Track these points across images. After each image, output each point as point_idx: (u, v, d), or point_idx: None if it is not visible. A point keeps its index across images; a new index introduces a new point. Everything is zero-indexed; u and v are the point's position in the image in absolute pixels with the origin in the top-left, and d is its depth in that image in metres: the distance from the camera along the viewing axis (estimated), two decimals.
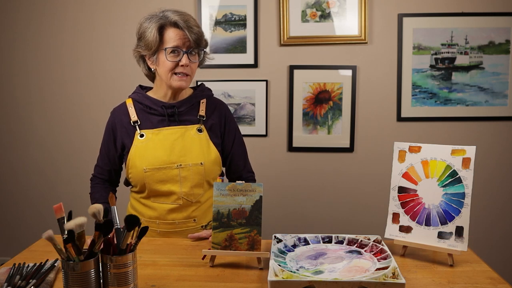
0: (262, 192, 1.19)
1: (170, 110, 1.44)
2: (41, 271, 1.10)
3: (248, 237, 1.18)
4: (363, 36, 2.44)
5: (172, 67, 1.37)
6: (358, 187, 2.57)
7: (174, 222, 1.45)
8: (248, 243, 1.18)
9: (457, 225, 1.16)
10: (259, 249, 1.17)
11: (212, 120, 1.49)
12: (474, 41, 2.43)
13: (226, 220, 1.18)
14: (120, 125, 1.47)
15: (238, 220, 1.19)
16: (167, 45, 1.36)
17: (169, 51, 1.36)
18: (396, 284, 0.96)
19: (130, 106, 1.47)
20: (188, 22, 1.36)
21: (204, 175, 1.44)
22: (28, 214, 2.75)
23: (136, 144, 1.43)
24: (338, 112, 2.52)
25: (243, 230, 1.18)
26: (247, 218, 1.18)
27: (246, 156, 1.60)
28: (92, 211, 0.95)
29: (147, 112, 1.46)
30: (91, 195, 1.54)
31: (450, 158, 1.19)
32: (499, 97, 2.46)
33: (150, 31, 1.36)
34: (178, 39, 1.35)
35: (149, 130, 1.44)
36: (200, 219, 1.47)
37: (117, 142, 1.48)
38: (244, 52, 2.52)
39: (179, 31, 1.35)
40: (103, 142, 1.52)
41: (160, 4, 2.51)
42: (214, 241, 1.18)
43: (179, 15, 1.36)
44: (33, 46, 2.63)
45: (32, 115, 2.69)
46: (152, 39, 1.36)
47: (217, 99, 1.57)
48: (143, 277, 1.10)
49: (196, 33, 1.36)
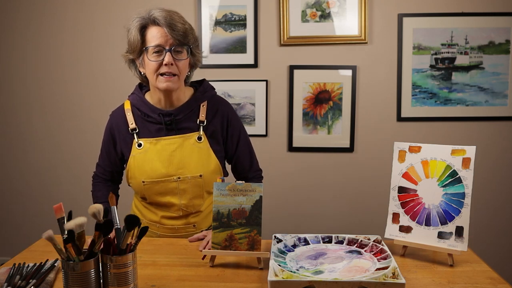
0: (262, 192, 1.19)
1: (167, 119, 1.37)
2: (41, 271, 1.10)
3: (248, 237, 1.18)
4: (363, 36, 2.44)
5: (156, 67, 1.29)
6: (358, 187, 2.57)
7: (173, 227, 1.45)
8: (248, 243, 1.17)
9: (457, 225, 1.16)
10: (259, 249, 1.17)
11: (213, 126, 1.42)
12: (474, 41, 2.43)
13: (226, 220, 1.18)
14: (118, 132, 1.43)
15: (238, 220, 1.18)
16: (149, 44, 1.29)
17: (151, 50, 1.29)
18: (396, 284, 0.96)
19: (128, 112, 1.42)
20: (169, 17, 1.28)
21: (203, 187, 1.41)
22: (28, 214, 2.76)
23: (134, 155, 1.40)
24: (338, 112, 2.52)
25: (243, 230, 1.18)
26: (247, 218, 1.18)
27: (253, 154, 1.54)
28: (92, 211, 0.95)
29: (144, 120, 1.40)
30: (92, 193, 1.52)
31: (450, 158, 1.19)
32: (499, 97, 2.46)
33: (131, 31, 1.32)
34: (159, 37, 1.28)
35: (147, 139, 1.39)
36: (199, 225, 1.47)
37: (117, 147, 1.45)
38: (244, 52, 2.52)
39: (160, 28, 1.28)
40: (103, 143, 1.48)
41: (160, 4, 2.51)
42: (214, 241, 1.18)
43: (161, 12, 1.28)
44: (33, 46, 2.63)
45: (32, 115, 2.69)
46: (133, 40, 1.31)
47: (219, 98, 1.48)
48: (143, 277, 1.10)
49: (180, 29, 1.28)
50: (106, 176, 1.52)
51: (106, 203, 1.22)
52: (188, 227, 1.45)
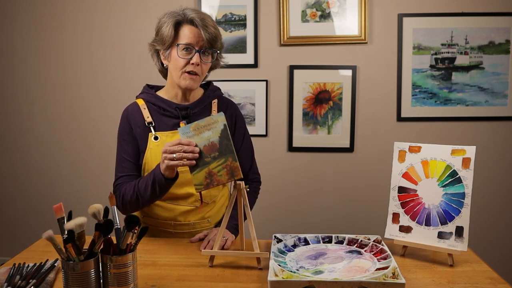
0: (225, 121, 1.20)
1: (184, 112, 1.42)
2: (41, 271, 1.10)
3: (226, 167, 1.18)
4: (363, 36, 2.44)
5: (183, 64, 1.35)
6: (358, 187, 2.57)
7: (189, 223, 1.45)
8: (228, 172, 1.18)
9: (457, 225, 1.16)
10: (239, 175, 1.17)
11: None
12: (474, 41, 2.43)
13: (200, 158, 1.19)
14: (134, 123, 1.42)
15: (212, 155, 1.19)
16: (181, 41, 1.35)
17: (182, 47, 1.34)
18: (396, 284, 0.96)
19: (143, 107, 1.44)
20: (204, 21, 1.34)
21: None
22: (28, 214, 2.76)
23: (151, 147, 1.40)
24: (338, 112, 2.52)
25: (219, 162, 1.19)
26: (219, 150, 1.19)
27: (253, 158, 1.58)
28: (92, 211, 0.95)
29: (161, 114, 1.43)
30: (120, 195, 1.38)
31: (450, 158, 1.19)
32: (499, 97, 2.46)
33: (166, 25, 1.36)
34: (192, 36, 1.34)
35: (164, 132, 1.41)
36: (213, 219, 1.49)
37: (135, 135, 1.41)
38: (244, 52, 2.52)
39: (194, 28, 1.34)
40: (120, 149, 1.42)
41: (160, 5, 2.52)
42: (195, 182, 1.18)
43: (196, 14, 1.35)
44: (34, 46, 2.63)
45: (32, 116, 2.69)
46: (167, 34, 1.35)
47: (227, 99, 1.56)
48: (143, 277, 1.10)
49: (211, 33, 1.34)
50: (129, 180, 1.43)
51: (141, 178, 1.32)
52: (203, 222, 1.46)
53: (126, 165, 1.41)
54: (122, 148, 1.43)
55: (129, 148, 1.41)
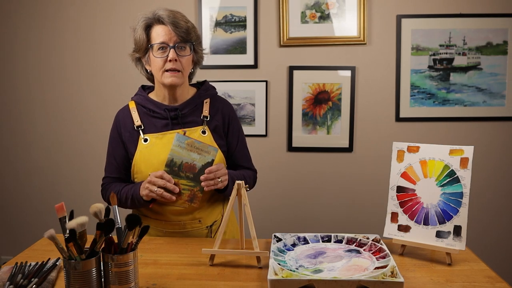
0: (216, 157, 1.31)
1: (173, 113, 1.43)
2: (43, 270, 1.11)
3: (191, 190, 1.29)
4: (362, 37, 2.45)
5: (162, 64, 1.36)
6: (357, 187, 2.58)
7: (180, 222, 1.45)
8: (189, 196, 1.30)
9: (455, 224, 1.17)
10: (197, 204, 1.29)
11: (216, 121, 1.47)
12: (472, 42, 2.44)
13: (176, 169, 1.30)
14: (124, 129, 1.46)
15: (187, 173, 1.29)
16: (154, 41, 1.37)
17: (157, 47, 1.36)
18: (395, 283, 0.96)
19: (133, 110, 1.46)
20: (173, 17, 1.35)
21: None
22: (30, 214, 2.76)
23: (140, 149, 1.42)
24: (337, 113, 2.53)
25: (189, 183, 1.30)
26: (194, 174, 1.28)
27: (249, 156, 1.59)
28: (93, 211, 0.96)
29: (150, 116, 1.45)
30: (106, 195, 1.48)
31: (448, 158, 1.20)
32: (497, 97, 2.47)
33: (137, 30, 1.39)
34: (163, 34, 1.35)
35: (153, 134, 1.42)
36: (205, 220, 1.48)
37: (124, 145, 1.46)
38: (244, 53, 2.53)
39: (165, 26, 1.36)
40: (110, 144, 1.49)
41: (161, 5, 2.52)
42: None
43: (165, 11, 1.36)
44: (34, 47, 2.64)
45: (34, 116, 2.70)
46: (139, 38, 1.38)
47: (221, 98, 1.55)
48: (144, 276, 1.11)
49: (182, 27, 1.36)
50: (115, 181, 1.50)
51: (127, 184, 1.40)
52: (194, 222, 1.46)
53: (112, 167, 1.49)
54: (110, 151, 1.50)
55: (116, 152, 1.48)
